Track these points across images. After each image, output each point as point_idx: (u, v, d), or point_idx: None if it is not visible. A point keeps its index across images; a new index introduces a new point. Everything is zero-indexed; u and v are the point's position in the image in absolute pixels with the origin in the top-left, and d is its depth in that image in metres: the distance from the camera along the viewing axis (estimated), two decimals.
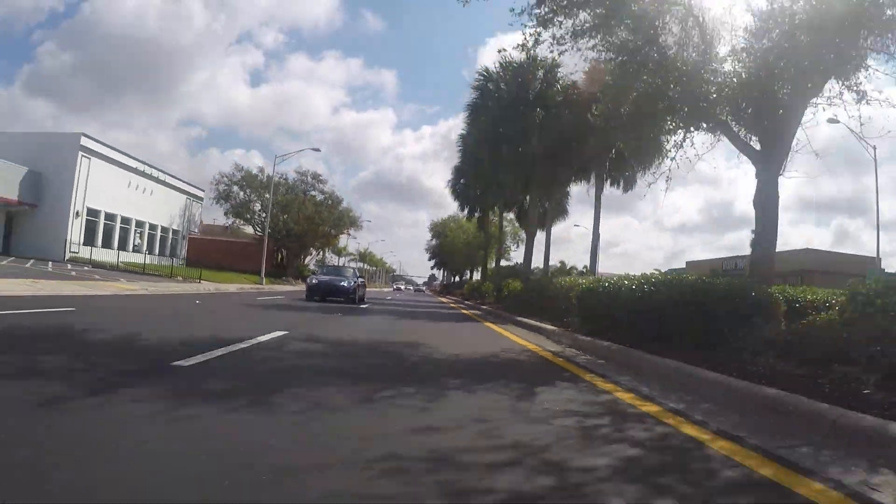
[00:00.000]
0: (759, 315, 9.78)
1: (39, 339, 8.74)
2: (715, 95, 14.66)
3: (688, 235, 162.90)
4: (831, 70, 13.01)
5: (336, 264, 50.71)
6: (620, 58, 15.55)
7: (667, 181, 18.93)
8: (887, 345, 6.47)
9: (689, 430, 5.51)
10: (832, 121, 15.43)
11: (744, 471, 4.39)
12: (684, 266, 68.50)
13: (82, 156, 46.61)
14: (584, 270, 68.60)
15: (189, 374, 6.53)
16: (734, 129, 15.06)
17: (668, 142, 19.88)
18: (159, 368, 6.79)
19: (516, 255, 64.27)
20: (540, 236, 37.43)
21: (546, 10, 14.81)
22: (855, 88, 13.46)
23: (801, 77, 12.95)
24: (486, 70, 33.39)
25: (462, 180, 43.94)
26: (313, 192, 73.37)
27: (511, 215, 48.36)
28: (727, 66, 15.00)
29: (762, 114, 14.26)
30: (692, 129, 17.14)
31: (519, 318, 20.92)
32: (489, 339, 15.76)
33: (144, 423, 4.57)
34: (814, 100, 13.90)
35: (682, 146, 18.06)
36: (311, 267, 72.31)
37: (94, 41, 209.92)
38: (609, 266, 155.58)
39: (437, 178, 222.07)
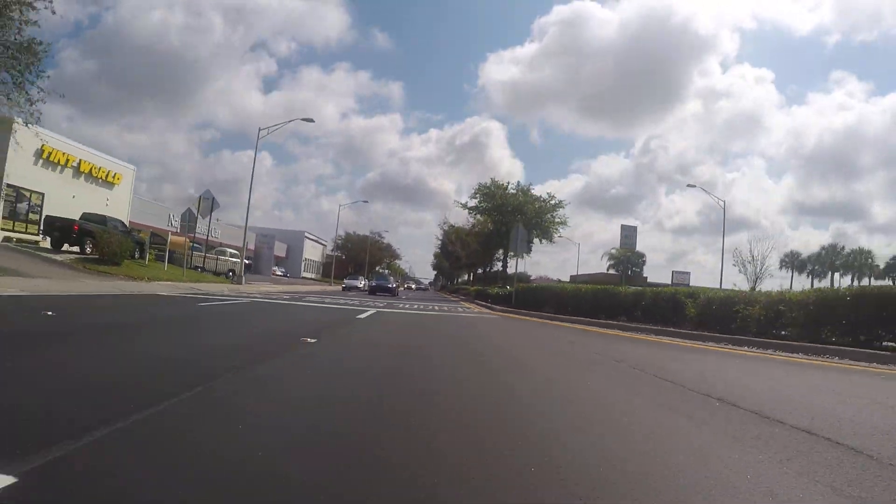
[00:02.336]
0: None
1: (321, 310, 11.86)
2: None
3: (687, 237, 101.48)
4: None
5: (380, 271, 50.49)
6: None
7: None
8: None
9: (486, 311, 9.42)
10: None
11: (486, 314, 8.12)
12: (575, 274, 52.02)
13: (304, 239, 58.97)
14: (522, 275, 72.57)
15: (363, 321, 7.97)
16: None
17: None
18: (352, 319, 8.59)
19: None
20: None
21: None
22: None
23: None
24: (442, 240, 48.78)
25: (446, 248, 51.82)
26: (379, 240, 69.19)
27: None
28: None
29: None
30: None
31: (475, 300, 24.22)
32: (457, 305, 18.52)
33: (364, 327, 6.99)
34: None
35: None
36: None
37: (115, 50, 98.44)
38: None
39: (442, 180, 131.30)
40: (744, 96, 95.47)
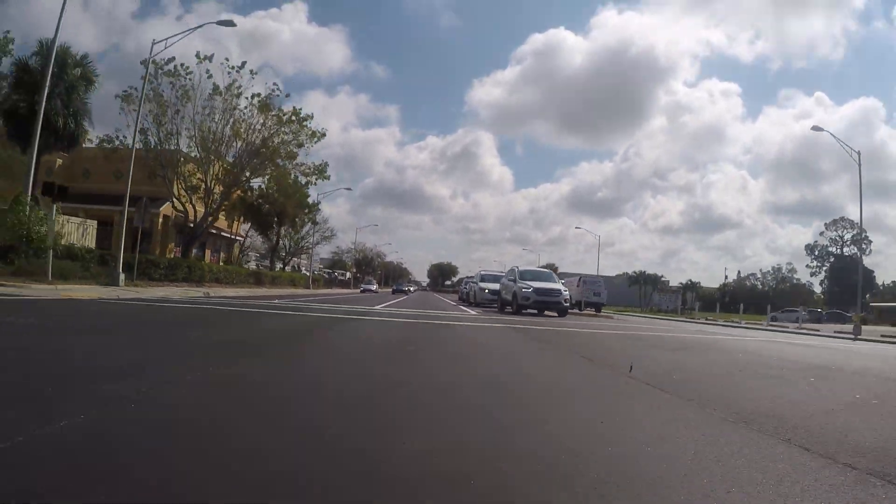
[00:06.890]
0: None
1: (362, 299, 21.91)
2: None
3: (674, 236, 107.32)
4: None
5: (399, 281, 61.05)
6: None
7: None
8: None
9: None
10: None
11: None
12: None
13: None
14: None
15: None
16: None
17: None
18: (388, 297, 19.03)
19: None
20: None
21: None
22: None
23: None
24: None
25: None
26: (399, 265, 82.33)
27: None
28: None
29: None
30: None
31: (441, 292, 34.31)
32: (444, 299, 26.03)
33: (409, 297, 19.07)
34: None
35: None
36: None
37: (135, 75, 59.69)
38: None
39: (438, 186, 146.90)
40: (707, 110, 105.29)
